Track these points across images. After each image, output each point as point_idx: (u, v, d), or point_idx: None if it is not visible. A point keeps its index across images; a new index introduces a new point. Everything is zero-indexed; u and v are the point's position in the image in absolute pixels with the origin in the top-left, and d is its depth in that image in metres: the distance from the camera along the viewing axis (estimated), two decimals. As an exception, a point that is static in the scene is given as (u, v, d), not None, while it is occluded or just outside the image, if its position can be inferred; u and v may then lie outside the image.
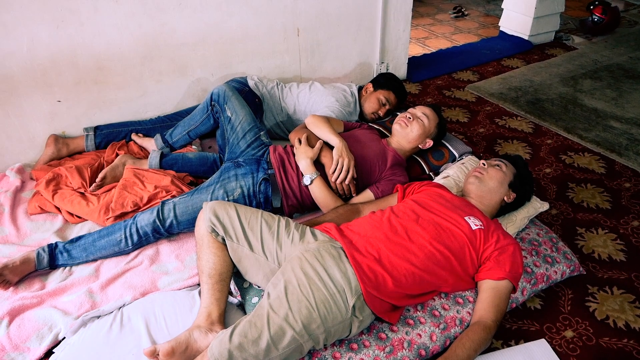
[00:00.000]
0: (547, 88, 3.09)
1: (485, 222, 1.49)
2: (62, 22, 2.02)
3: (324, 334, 1.25)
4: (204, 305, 1.40)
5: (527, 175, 1.71)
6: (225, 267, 1.46)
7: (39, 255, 1.65)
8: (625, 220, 1.96)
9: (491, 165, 1.68)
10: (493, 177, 1.63)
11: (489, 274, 1.40)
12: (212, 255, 1.46)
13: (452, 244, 1.41)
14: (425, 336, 1.38)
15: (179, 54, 2.35)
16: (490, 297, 1.37)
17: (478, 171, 1.67)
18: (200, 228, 1.51)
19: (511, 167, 1.68)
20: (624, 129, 2.61)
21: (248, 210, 1.52)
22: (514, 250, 1.43)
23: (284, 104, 2.39)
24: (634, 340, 1.46)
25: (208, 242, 1.48)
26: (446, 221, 1.46)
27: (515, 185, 1.65)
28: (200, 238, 1.51)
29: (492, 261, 1.41)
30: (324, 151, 1.86)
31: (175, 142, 2.16)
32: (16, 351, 1.41)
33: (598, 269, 1.72)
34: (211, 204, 1.52)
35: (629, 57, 3.50)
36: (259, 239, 1.47)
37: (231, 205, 1.51)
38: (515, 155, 1.77)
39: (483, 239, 1.43)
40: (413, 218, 1.48)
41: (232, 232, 1.46)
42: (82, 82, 2.18)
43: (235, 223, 1.47)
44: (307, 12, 2.58)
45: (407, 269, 1.35)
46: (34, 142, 2.20)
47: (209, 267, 1.45)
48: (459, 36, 4.11)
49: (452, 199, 1.60)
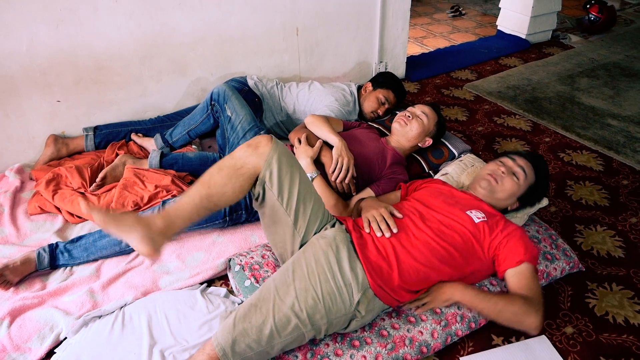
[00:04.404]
0: (544, 86, 3.10)
1: (489, 212, 1.48)
2: (62, 22, 2.02)
3: (326, 324, 1.25)
4: (176, 209, 1.22)
5: (543, 186, 1.61)
6: (225, 204, 1.29)
7: (40, 256, 1.65)
8: (623, 217, 1.97)
9: (510, 173, 1.55)
10: (506, 189, 1.55)
11: (507, 264, 1.39)
12: (231, 189, 1.27)
13: (455, 241, 1.41)
14: (426, 333, 1.39)
15: (179, 54, 2.35)
16: (516, 282, 1.36)
17: (493, 177, 1.56)
18: (247, 156, 1.29)
19: (530, 178, 1.56)
20: (621, 127, 2.62)
21: (307, 182, 1.40)
22: (521, 234, 1.42)
23: (284, 103, 2.39)
24: (633, 335, 1.47)
25: (245, 177, 1.29)
26: (448, 218, 1.46)
27: (525, 197, 1.58)
28: (238, 165, 1.28)
29: (504, 251, 1.40)
30: (324, 150, 1.87)
31: (175, 142, 2.17)
32: (17, 351, 1.41)
33: (597, 266, 1.73)
34: (280, 146, 1.33)
35: (626, 56, 3.52)
36: (307, 220, 1.37)
37: (297, 165, 1.37)
38: (540, 158, 1.63)
39: (488, 230, 1.42)
40: (417, 216, 1.48)
41: (286, 196, 1.33)
42: (81, 82, 2.18)
43: (293, 190, 1.33)
44: (306, 11, 2.58)
45: (412, 265, 1.36)
46: (33, 142, 2.20)
47: (218, 191, 1.25)
48: (456, 35, 4.12)
49: (453, 194, 1.59)
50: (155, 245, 1.17)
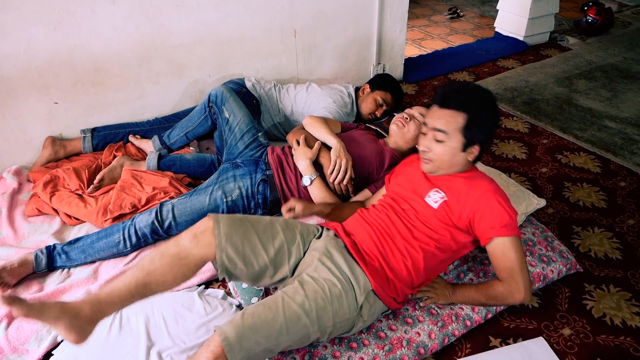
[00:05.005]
0: (542, 88, 3.11)
1: (449, 188, 1.43)
2: (60, 24, 2.02)
3: (331, 327, 1.25)
4: (107, 295, 1.17)
5: (483, 115, 1.38)
6: (160, 292, 1.23)
7: (37, 257, 1.65)
8: (620, 218, 1.98)
9: (434, 140, 1.42)
10: (440, 156, 1.42)
11: (481, 241, 1.39)
12: (172, 278, 1.22)
13: (430, 231, 1.41)
14: (423, 334, 1.39)
15: (177, 55, 2.35)
16: (493, 261, 1.39)
17: (423, 159, 1.47)
18: (193, 248, 1.25)
19: (460, 123, 1.36)
20: (618, 129, 2.63)
21: (263, 227, 1.36)
22: (486, 203, 1.35)
23: (282, 105, 2.39)
24: (630, 337, 1.47)
25: (191, 267, 1.25)
26: (414, 210, 1.45)
27: (471, 138, 1.39)
28: (184, 253, 1.24)
29: (475, 227, 1.38)
30: (322, 152, 1.87)
31: (173, 144, 2.16)
32: (15, 353, 1.40)
33: (594, 267, 1.74)
34: (222, 221, 1.28)
35: (623, 58, 3.53)
36: (287, 256, 1.36)
37: (245, 222, 1.33)
38: (470, 88, 1.44)
39: (450, 210, 1.40)
40: (391, 218, 1.46)
41: (255, 261, 1.31)
42: (79, 83, 2.18)
43: (258, 251, 1.31)
44: (304, 13, 2.58)
45: (401, 261, 1.38)
46: (31, 144, 2.19)
47: (157, 280, 1.20)
48: (454, 37, 4.13)
49: (412, 179, 1.53)
50: (83, 334, 1.13)
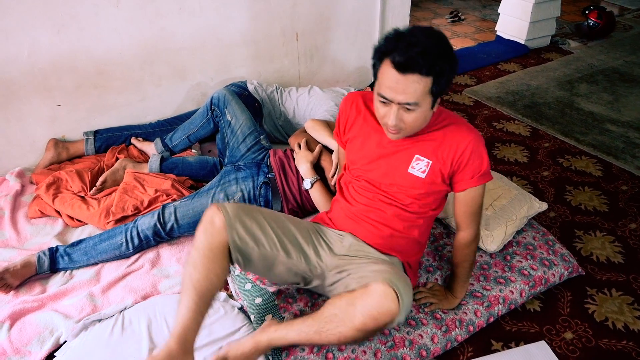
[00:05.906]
0: (543, 92, 3.11)
1: (429, 149, 1.34)
2: (63, 27, 2.03)
3: None
4: (182, 325, 1.18)
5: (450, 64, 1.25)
6: (218, 289, 1.26)
7: (40, 259, 1.65)
8: (622, 222, 1.98)
9: (403, 109, 1.24)
10: (412, 124, 1.28)
11: (456, 189, 1.35)
12: (215, 275, 1.23)
13: (418, 207, 1.37)
14: (426, 337, 1.39)
15: (179, 59, 2.36)
16: (458, 207, 1.38)
17: (389, 130, 1.29)
18: (210, 236, 1.24)
19: (428, 85, 1.23)
20: (620, 132, 2.63)
21: (274, 216, 1.38)
22: (472, 153, 1.33)
23: (284, 108, 2.40)
24: (633, 341, 1.47)
25: (219, 256, 1.24)
26: (401, 187, 1.37)
27: (439, 93, 1.30)
28: (207, 248, 1.23)
29: (457, 175, 1.34)
30: (324, 155, 1.87)
31: (175, 146, 2.17)
32: (17, 355, 1.41)
33: (597, 271, 1.74)
34: (229, 206, 1.29)
35: (625, 61, 3.54)
36: (297, 245, 1.36)
37: (254, 209, 1.35)
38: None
39: (437, 172, 1.33)
40: (382, 208, 1.40)
41: (264, 240, 1.30)
42: (82, 86, 2.19)
43: (267, 231, 1.31)
44: (305, 16, 2.59)
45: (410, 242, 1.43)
46: (34, 146, 2.20)
47: (206, 286, 1.21)
48: (455, 40, 4.14)
49: (381, 150, 1.39)
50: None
